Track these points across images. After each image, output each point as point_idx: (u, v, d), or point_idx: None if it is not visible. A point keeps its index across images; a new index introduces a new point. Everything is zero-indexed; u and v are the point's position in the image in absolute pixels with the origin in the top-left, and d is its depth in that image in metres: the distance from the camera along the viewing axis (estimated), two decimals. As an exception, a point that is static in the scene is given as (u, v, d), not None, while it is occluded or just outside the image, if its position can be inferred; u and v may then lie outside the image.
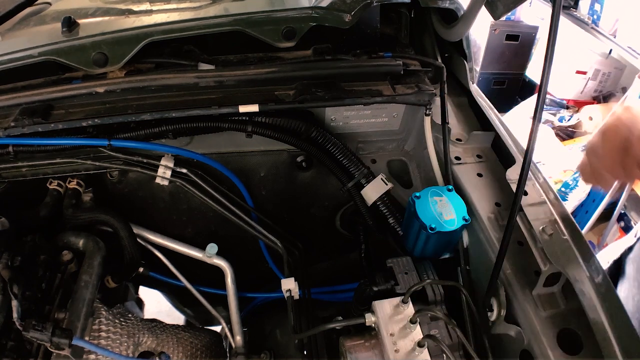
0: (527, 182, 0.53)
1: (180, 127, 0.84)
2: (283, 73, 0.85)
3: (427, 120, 0.91)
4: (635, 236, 0.96)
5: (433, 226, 0.73)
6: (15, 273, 0.70)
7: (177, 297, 1.31)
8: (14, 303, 0.66)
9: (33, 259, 0.76)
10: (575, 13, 2.67)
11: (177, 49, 0.92)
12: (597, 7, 2.55)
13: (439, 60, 0.96)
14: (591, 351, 0.60)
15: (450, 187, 0.78)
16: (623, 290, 0.90)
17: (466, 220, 0.74)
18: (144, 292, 1.32)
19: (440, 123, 0.88)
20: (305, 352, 0.81)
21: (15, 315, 0.66)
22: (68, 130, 0.81)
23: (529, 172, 0.62)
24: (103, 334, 0.82)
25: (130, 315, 0.91)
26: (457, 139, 0.90)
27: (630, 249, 0.94)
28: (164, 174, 0.89)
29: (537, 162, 0.82)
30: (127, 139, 0.85)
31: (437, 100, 0.90)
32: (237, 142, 0.94)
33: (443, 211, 0.75)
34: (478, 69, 2.98)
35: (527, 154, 0.51)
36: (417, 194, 0.77)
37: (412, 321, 0.67)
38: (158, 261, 0.97)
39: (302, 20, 0.82)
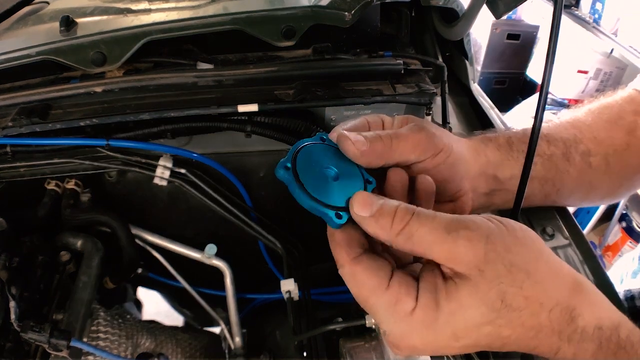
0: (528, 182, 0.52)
1: (179, 127, 0.84)
2: (282, 72, 0.85)
3: (428, 120, 0.90)
4: None
5: None
6: (13, 274, 0.70)
7: (176, 298, 1.30)
8: (12, 304, 0.66)
9: (31, 259, 0.75)
10: (576, 12, 2.66)
11: (175, 48, 0.91)
12: (598, 6, 2.55)
13: (440, 59, 0.95)
14: (593, 353, 0.60)
15: None
16: None
17: None
18: (143, 293, 1.31)
19: (441, 123, 0.87)
20: (305, 354, 0.81)
21: (13, 316, 0.66)
22: (66, 130, 0.80)
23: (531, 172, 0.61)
24: (101, 335, 0.82)
25: (128, 317, 0.91)
26: (458, 139, 0.90)
27: None
28: (162, 174, 0.88)
29: (539, 162, 0.80)
30: (126, 138, 0.85)
31: (438, 99, 0.89)
32: (236, 142, 0.94)
33: None
34: (479, 68, 2.98)
35: (529, 154, 0.50)
36: None
37: (413, 322, 0.67)
38: (157, 262, 0.97)
39: (301, 19, 0.82)
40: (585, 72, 2.61)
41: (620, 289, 0.85)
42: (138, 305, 1.29)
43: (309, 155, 0.45)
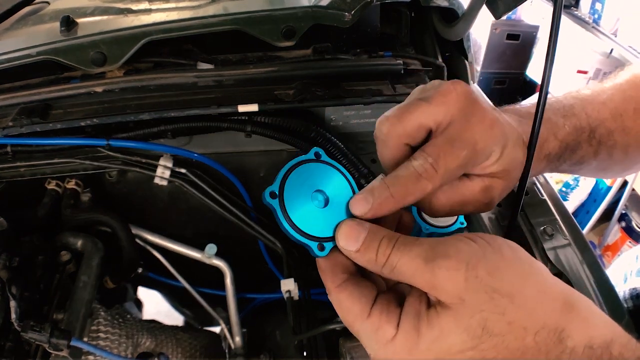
0: (527, 182, 0.52)
1: (179, 127, 0.84)
2: (282, 72, 0.85)
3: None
4: None
5: (427, 227, 0.72)
6: (14, 274, 0.70)
7: (176, 297, 1.30)
8: (12, 304, 0.66)
9: (31, 259, 0.75)
10: (576, 12, 2.67)
11: (176, 48, 0.91)
12: (598, 6, 2.55)
13: (440, 59, 0.95)
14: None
15: None
16: None
17: (462, 224, 0.73)
18: (143, 292, 1.31)
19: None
20: (305, 353, 0.81)
21: (13, 316, 0.66)
22: (66, 130, 0.80)
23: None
24: (102, 334, 0.82)
25: (129, 316, 0.91)
26: (458, 139, 0.90)
27: None
28: (162, 174, 0.88)
29: (538, 162, 0.80)
30: (126, 138, 0.85)
31: (438, 99, 0.89)
32: (236, 141, 0.94)
33: None
34: (479, 68, 2.98)
35: (529, 153, 0.50)
36: None
37: (413, 322, 0.67)
38: (157, 262, 0.97)
39: (301, 19, 0.82)
40: (585, 72, 2.61)
41: (625, 288, 0.85)
42: (138, 304, 1.29)
43: (299, 177, 0.43)
